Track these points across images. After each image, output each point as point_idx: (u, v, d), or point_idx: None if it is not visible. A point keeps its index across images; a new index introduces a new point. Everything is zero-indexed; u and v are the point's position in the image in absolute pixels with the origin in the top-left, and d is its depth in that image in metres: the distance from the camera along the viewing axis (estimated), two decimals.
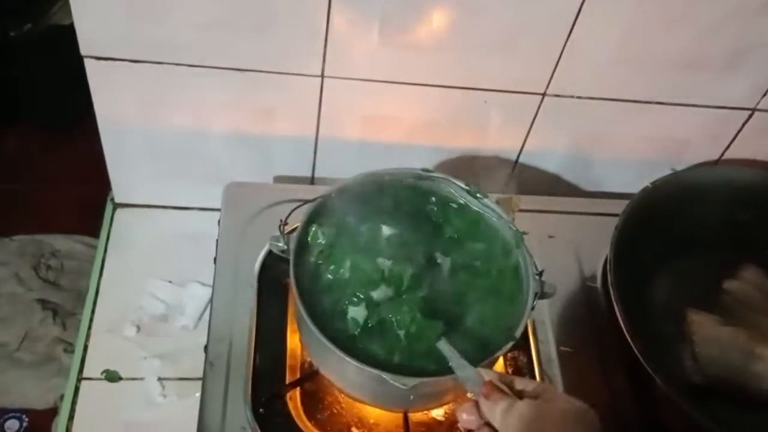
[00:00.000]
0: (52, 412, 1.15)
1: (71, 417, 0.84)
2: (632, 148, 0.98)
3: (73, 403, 0.85)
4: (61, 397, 1.14)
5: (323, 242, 0.70)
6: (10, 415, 1.18)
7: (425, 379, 0.62)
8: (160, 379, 0.87)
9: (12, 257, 1.32)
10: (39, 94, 1.52)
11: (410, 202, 0.74)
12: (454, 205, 0.75)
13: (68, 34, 0.81)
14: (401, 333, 0.64)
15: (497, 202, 0.84)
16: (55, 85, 1.42)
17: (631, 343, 0.71)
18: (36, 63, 1.49)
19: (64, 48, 0.84)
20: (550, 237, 0.90)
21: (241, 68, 0.84)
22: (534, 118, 0.93)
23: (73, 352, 1.17)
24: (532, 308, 0.67)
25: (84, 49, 0.81)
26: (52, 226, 1.38)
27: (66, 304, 1.28)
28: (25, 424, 1.18)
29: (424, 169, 0.75)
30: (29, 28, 1.51)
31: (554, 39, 0.83)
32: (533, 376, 0.79)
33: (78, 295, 1.30)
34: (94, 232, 1.04)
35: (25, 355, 1.22)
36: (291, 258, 0.67)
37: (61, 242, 1.38)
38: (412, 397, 0.65)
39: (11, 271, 1.29)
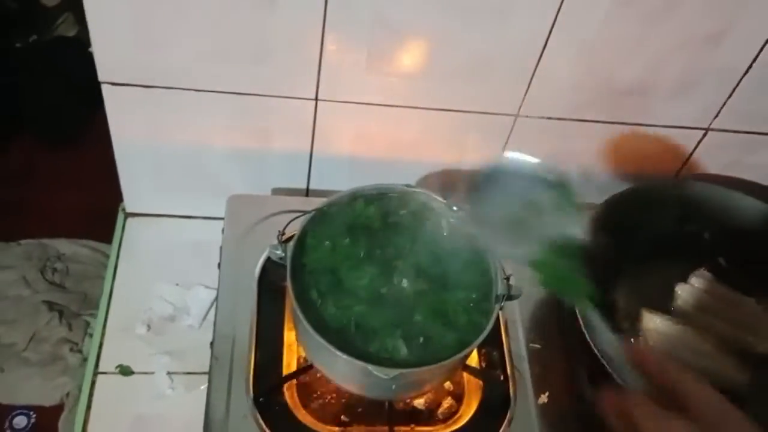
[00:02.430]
0: (59, 409, 1.18)
1: (89, 407, 0.88)
2: (598, 164, 1.02)
3: (90, 395, 0.89)
4: (67, 394, 1.18)
5: (317, 249, 0.76)
6: (18, 411, 1.21)
7: (405, 370, 0.68)
8: (168, 373, 0.91)
9: (19, 261, 1.34)
10: (44, 104, 1.50)
11: (393, 213, 0.80)
12: (433, 216, 0.80)
13: (72, 45, 0.81)
14: (384, 329, 0.72)
15: None
16: (60, 95, 1.42)
17: (589, 340, 0.76)
18: (41, 73, 1.48)
19: (68, 59, 0.84)
20: None
21: (241, 92, 0.89)
22: (508, 137, 0.97)
23: (78, 351, 1.17)
24: (501, 308, 0.74)
25: (102, 75, 0.86)
26: (56, 232, 1.39)
27: (71, 306, 1.31)
28: (32, 421, 1.20)
29: (406, 185, 0.80)
30: (35, 40, 1.51)
31: (524, 66, 0.88)
32: (504, 371, 0.84)
33: (83, 297, 1.31)
34: (98, 237, 1.05)
35: (33, 354, 1.24)
36: (288, 264, 0.72)
37: (65, 246, 1.38)
38: (394, 386, 0.70)
39: (18, 274, 1.32)
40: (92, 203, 1.09)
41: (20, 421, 1.21)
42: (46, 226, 1.40)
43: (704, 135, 1.00)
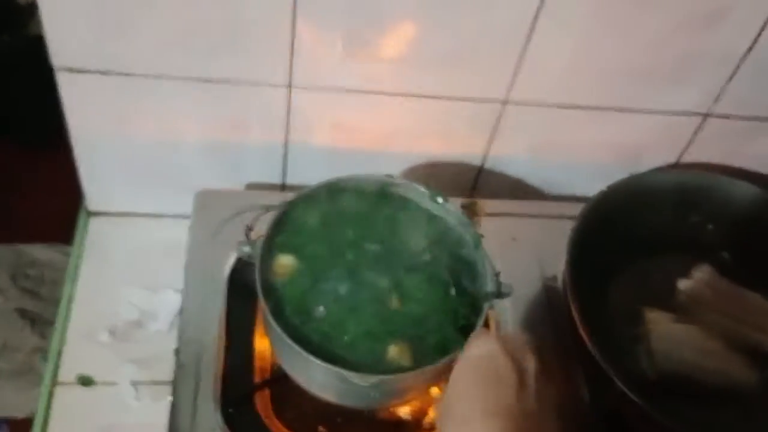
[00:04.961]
0: (32, 421, 1.13)
1: (45, 422, 0.84)
2: (591, 153, 0.99)
3: (48, 408, 0.85)
4: None
5: (288, 246, 0.71)
6: None
7: (384, 377, 0.63)
8: (133, 383, 0.87)
9: None
10: (17, 107, 1.50)
11: (373, 207, 0.76)
12: (416, 209, 0.77)
13: (46, 46, 0.81)
14: (362, 333, 0.66)
15: (462, 207, 0.86)
16: (34, 97, 1.37)
17: (587, 341, 0.73)
18: (13, 74, 1.46)
19: (42, 60, 0.83)
20: (513, 239, 0.92)
21: (209, 79, 0.85)
22: (496, 126, 0.94)
23: None
24: (490, 307, 0.70)
25: (56, 60, 0.82)
26: (32, 237, 1.36)
27: (44, 314, 1.27)
28: None
29: (387, 175, 0.77)
30: (7, 40, 1.50)
31: (511, 50, 0.85)
32: None
33: (57, 304, 1.29)
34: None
35: (4, 364, 1.21)
36: (257, 262, 0.68)
37: (40, 252, 1.35)
38: (373, 394, 0.67)
39: None
40: (68, 207, 1.06)
41: None
42: (20, 231, 1.37)
43: (703, 121, 0.97)
